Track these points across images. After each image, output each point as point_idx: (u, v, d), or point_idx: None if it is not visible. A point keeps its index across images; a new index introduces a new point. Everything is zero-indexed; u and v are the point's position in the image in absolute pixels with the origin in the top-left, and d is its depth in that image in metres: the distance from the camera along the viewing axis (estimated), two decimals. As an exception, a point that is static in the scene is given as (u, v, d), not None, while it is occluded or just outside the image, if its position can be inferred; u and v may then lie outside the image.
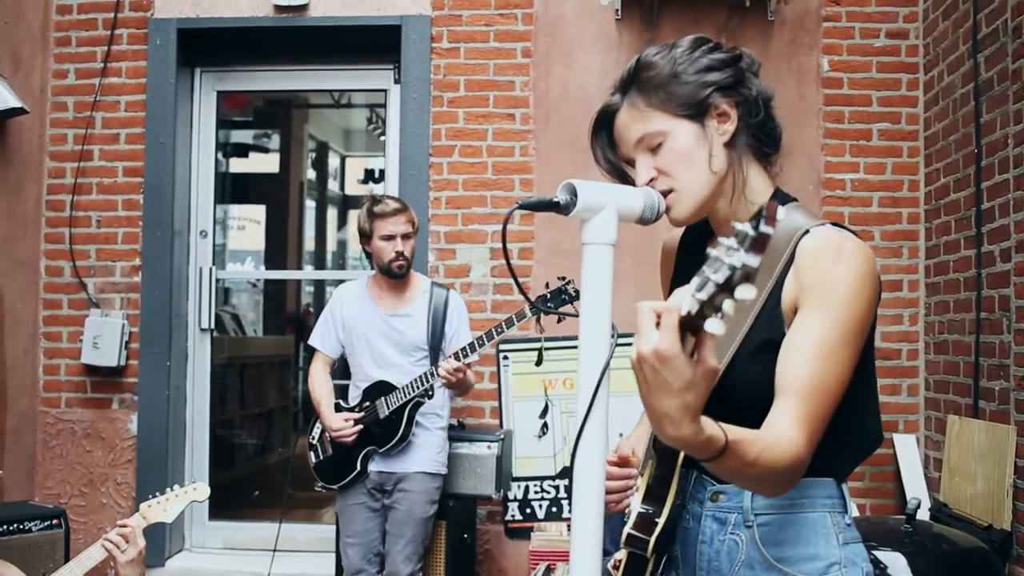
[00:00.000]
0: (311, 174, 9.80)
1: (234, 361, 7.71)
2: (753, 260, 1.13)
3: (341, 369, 4.52)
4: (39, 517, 4.08)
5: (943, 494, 4.50)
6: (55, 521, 4.11)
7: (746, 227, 1.14)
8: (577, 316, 1.64)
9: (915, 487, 4.72)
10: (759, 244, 1.13)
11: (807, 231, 1.70)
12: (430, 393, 4.17)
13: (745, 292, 1.14)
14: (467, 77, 5.17)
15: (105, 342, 5.10)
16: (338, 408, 4.30)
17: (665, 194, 1.76)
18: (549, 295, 3.96)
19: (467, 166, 5.13)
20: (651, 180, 1.77)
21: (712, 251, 1.18)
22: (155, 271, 5.21)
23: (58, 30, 5.31)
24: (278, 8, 5.19)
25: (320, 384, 4.35)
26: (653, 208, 1.71)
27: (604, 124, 1.90)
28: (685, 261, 1.99)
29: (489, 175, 5.12)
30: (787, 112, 4.86)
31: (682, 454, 1.76)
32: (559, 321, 3.68)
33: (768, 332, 1.68)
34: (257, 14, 5.22)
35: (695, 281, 1.20)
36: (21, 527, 3.99)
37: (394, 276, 4.26)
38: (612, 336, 1.61)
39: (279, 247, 9.42)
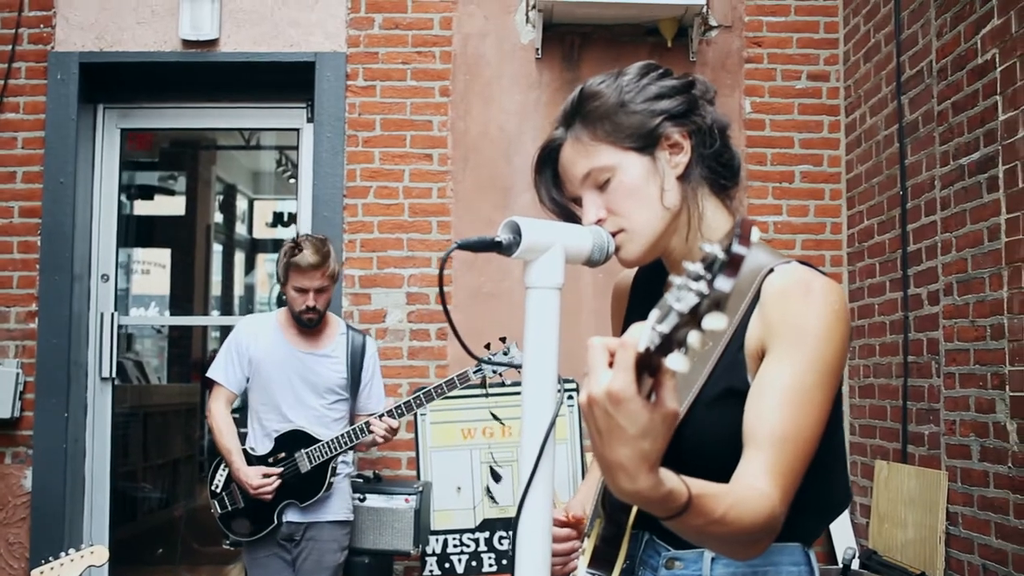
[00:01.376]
0: (218, 217, 9.61)
1: (137, 410, 7.47)
2: (725, 284, 1.01)
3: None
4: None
5: (872, 541, 4.48)
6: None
7: (715, 248, 1.03)
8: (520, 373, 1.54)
9: (842, 534, 4.71)
10: (732, 266, 1.01)
11: (771, 270, 1.59)
12: (355, 449, 4.04)
13: (714, 322, 1.01)
14: (383, 116, 5.09)
15: (-2, 392, 4.86)
16: (248, 457, 4.11)
17: (615, 233, 1.65)
18: (492, 356, 3.89)
19: (383, 208, 5.04)
20: (599, 220, 1.66)
21: (676, 279, 1.05)
22: (53, 317, 5.00)
23: (-49, 63, 5.10)
24: (186, 43, 5.07)
25: (226, 428, 4.14)
26: (602, 249, 1.62)
27: (548, 161, 1.78)
28: (639, 301, 1.88)
29: (406, 217, 5.03)
30: (710, 154, 4.91)
31: (633, 513, 1.65)
32: (502, 385, 3.62)
33: (729, 379, 1.56)
34: (164, 49, 5.08)
35: (655, 313, 1.08)
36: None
37: (304, 326, 4.12)
38: (559, 389, 1.51)
39: (185, 292, 9.21)
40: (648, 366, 1.12)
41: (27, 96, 5.10)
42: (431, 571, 4.84)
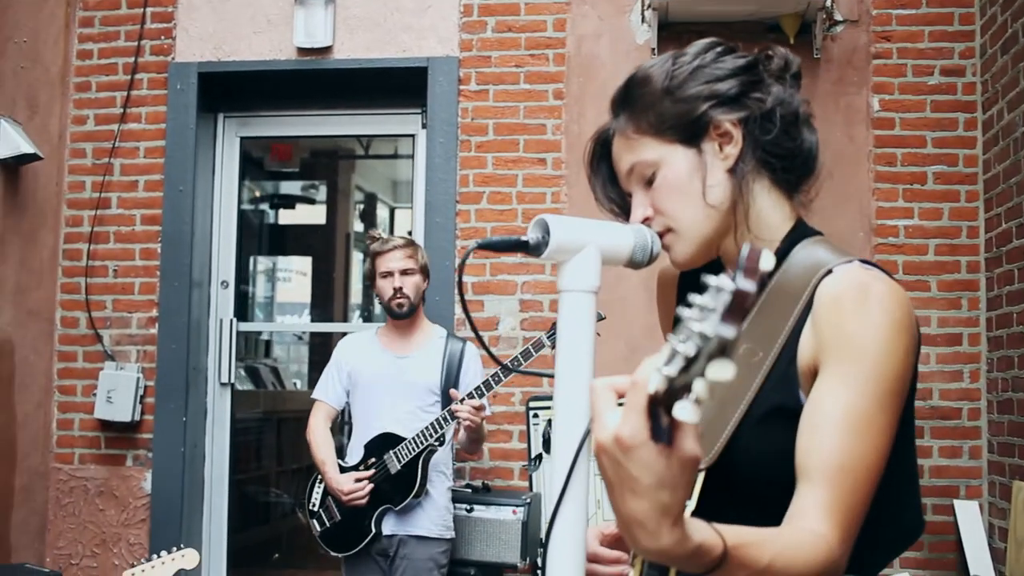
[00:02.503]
0: (358, 225, 9.73)
1: (270, 415, 7.59)
2: (728, 331, 0.87)
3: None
4: (33, 582, 3.95)
5: (1009, 568, 4.20)
6: (49, 585, 3.97)
7: (723, 281, 0.89)
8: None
9: (978, 559, 4.42)
10: (735, 309, 0.88)
11: (829, 271, 1.42)
12: (442, 440, 3.98)
13: (719, 371, 0.88)
14: (496, 120, 5.03)
15: (119, 396, 5.00)
16: (340, 468, 4.10)
17: (662, 234, 1.52)
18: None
19: (496, 213, 4.98)
20: (646, 219, 1.53)
21: (684, 312, 0.92)
22: (172, 323, 5.10)
23: (78, 75, 5.28)
24: (301, 51, 5.11)
25: (322, 441, 4.16)
26: (645, 249, 1.48)
27: (603, 155, 1.64)
28: (689, 293, 1.71)
29: (519, 222, 4.96)
30: (835, 155, 4.74)
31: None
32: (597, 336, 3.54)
33: (780, 397, 1.41)
34: (279, 57, 5.13)
35: (665, 350, 0.95)
36: (13, 592, 3.86)
37: (396, 316, 4.11)
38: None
39: (325, 299, 9.36)
40: (664, 405, 0.98)
41: (148, 107, 5.22)
42: (541, 584, 4.75)
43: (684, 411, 0.93)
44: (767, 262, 0.91)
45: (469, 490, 4.55)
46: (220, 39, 5.19)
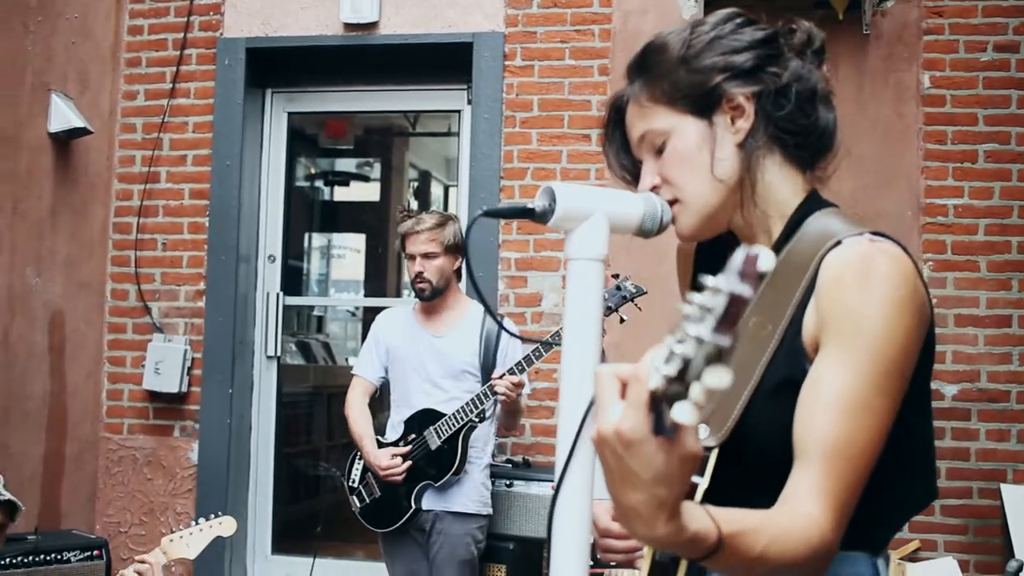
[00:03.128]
0: (412, 203, 9.76)
1: (320, 390, 7.65)
2: (722, 340, 0.87)
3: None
4: (80, 547, 4.06)
5: (1056, 552, 4.14)
6: (96, 552, 4.07)
7: (720, 282, 0.88)
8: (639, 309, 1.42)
9: None
10: (730, 316, 0.87)
11: (837, 243, 1.40)
12: (483, 416, 3.99)
13: (715, 378, 0.88)
14: (541, 96, 5.03)
15: (167, 368, 5.09)
16: (379, 444, 4.13)
17: (671, 203, 1.51)
18: (607, 295, 3.75)
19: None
20: (654, 188, 1.52)
21: (684, 308, 0.92)
22: (219, 296, 5.18)
23: (128, 51, 5.36)
24: (347, 26, 5.14)
25: (359, 416, 4.19)
26: (655, 217, 1.48)
27: (618, 122, 1.63)
28: (704, 266, 1.68)
29: (563, 199, 4.94)
30: (884, 132, 4.67)
31: None
32: (621, 322, 3.56)
33: (788, 370, 1.40)
34: (326, 32, 5.17)
35: (664, 347, 0.94)
36: (60, 557, 3.95)
37: (420, 298, 4.11)
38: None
39: (378, 276, 9.40)
40: (667, 398, 0.96)
41: (197, 82, 5.29)
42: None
43: (683, 413, 0.93)
44: (766, 263, 0.89)
45: (510, 465, 4.58)
46: (268, 14, 5.23)
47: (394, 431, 4.15)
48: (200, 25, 5.29)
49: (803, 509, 1.28)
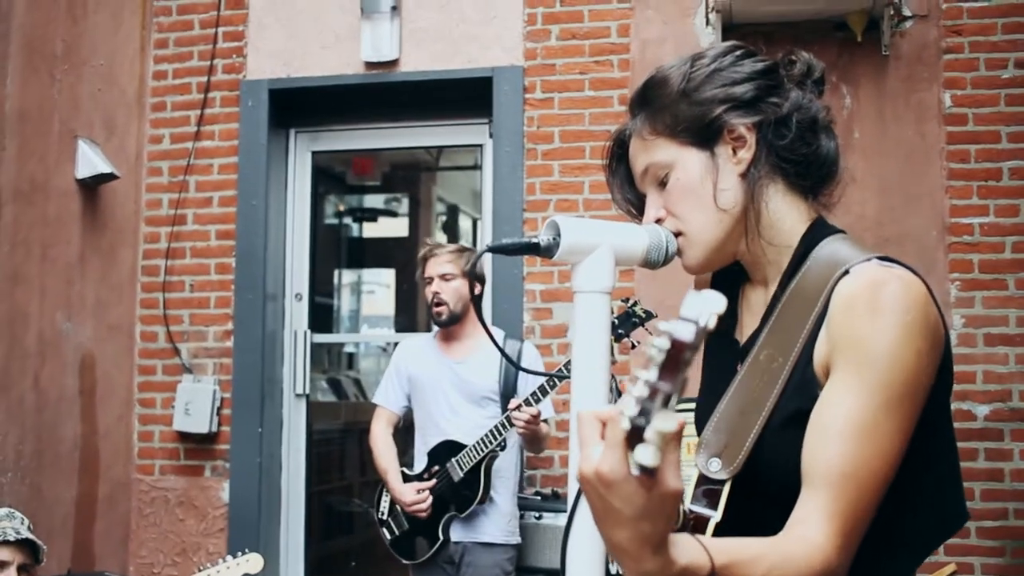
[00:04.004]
0: (441, 237, 9.83)
1: (351, 427, 7.69)
2: (665, 387, 0.90)
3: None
4: (108, 589, 4.08)
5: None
6: (128, 593, 4.09)
7: (670, 327, 0.91)
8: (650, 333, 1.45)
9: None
10: (670, 362, 0.90)
11: (846, 271, 1.40)
12: (503, 445, 4.01)
13: (662, 423, 0.92)
14: (562, 128, 5.07)
15: (196, 408, 5.14)
16: (404, 476, 4.15)
17: (677, 235, 1.53)
18: (617, 320, 3.77)
19: (563, 221, 4.99)
20: (658, 220, 1.54)
21: (646, 350, 0.95)
22: (247, 335, 5.23)
23: (154, 95, 5.45)
24: (368, 65, 5.21)
25: (384, 449, 4.22)
26: (660, 249, 1.50)
27: (622, 156, 1.65)
28: (722, 290, 1.70)
29: (586, 230, 4.96)
30: (906, 152, 4.67)
31: None
32: (632, 348, 3.58)
33: (800, 401, 1.40)
34: (347, 72, 5.24)
35: (631, 394, 0.98)
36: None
37: (438, 324, 4.14)
38: (611, 396, 1.42)
39: (408, 311, 9.45)
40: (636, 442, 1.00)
41: (221, 124, 5.37)
42: (613, 592, 4.75)
43: (645, 455, 0.96)
44: (716, 306, 0.92)
45: (539, 497, 4.58)
46: (289, 56, 5.32)
47: (419, 463, 4.19)
48: (223, 68, 5.38)
49: (808, 535, 1.28)
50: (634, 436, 0.98)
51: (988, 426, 4.54)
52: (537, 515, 4.40)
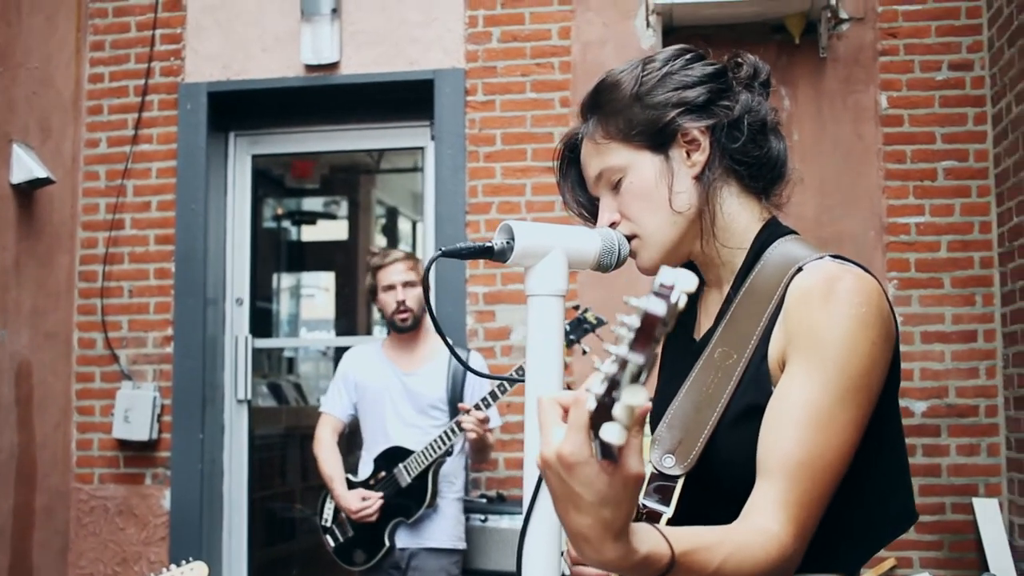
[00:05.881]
0: (381, 240, 9.83)
1: (292, 431, 7.65)
2: (636, 357, 0.90)
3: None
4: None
5: (1031, 567, 4.19)
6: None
7: (641, 301, 0.91)
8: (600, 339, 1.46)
9: (999, 557, 4.41)
10: (643, 333, 0.90)
11: (800, 268, 1.45)
12: (451, 451, 4.03)
13: (631, 397, 0.92)
14: (504, 130, 5.09)
15: (136, 415, 5.09)
16: (349, 483, 4.16)
17: (630, 238, 1.56)
18: (568, 327, 3.80)
19: (505, 223, 5.01)
20: (613, 224, 1.57)
21: (615, 329, 0.95)
22: (188, 341, 5.19)
23: (90, 98, 5.39)
24: (308, 67, 5.19)
25: (329, 456, 4.22)
26: (612, 252, 1.53)
27: (572, 159, 1.69)
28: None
29: (529, 231, 4.99)
30: (844, 153, 4.76)
31: None
32: (584, 354, 3.61)
33: (753, 395, 1.43)
34: (287, 74, 5.22)
35: (599, 373, 0.98)
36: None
37: (399, 330, 4.17)
38: None
39: (348, 315, 9.42)
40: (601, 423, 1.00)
41: (160, 127, 5.32)
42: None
43: (611, 433, 0.96)
44: (687, 284, 0.92)
45: (484, 500, 4.60)
46: (229, 58, 5.29)
47: (364, 469, 4.19)
48: (161, 71, 5.34)
49: (763, 523, 1.30)
50: (598, 418, 0.99)
51: (925, 422, 4.64)
52: (483, 518, 4.42)
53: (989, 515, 4.53)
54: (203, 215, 5.24)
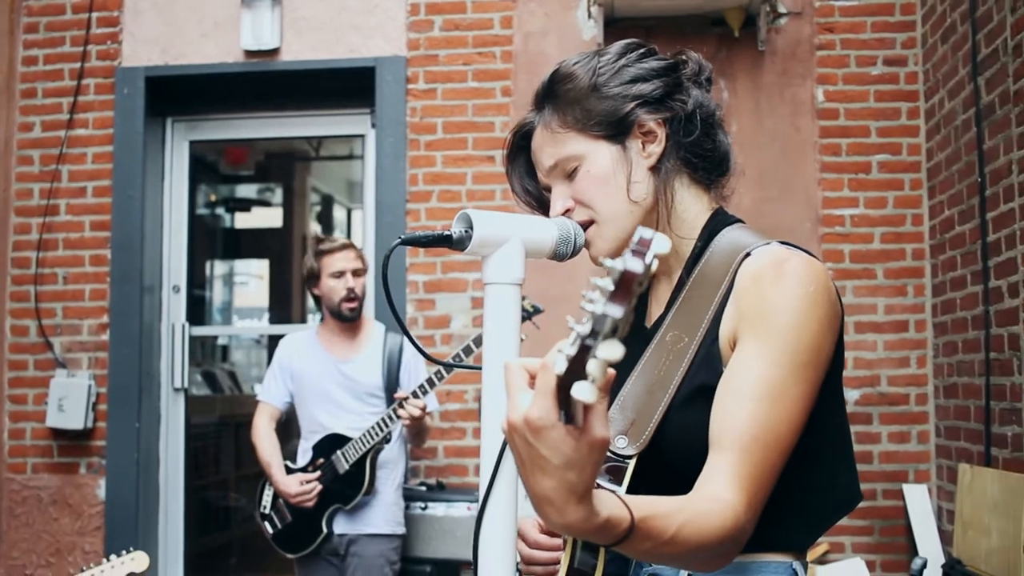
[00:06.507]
0: (315, 227, 9.78)
1: (228, 420, 7.60)
2: (615, 310, 0.92)
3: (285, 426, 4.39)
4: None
5: (956, 549, 4.29)
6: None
7: (617, 263, 0.94)
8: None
9: (928, 542, 4.52)
10: (622, 287, 0.92)
11: (748, 253, 1.50)
12: (388, 438, 4.05)
13: (608, 351, 0.93)
14: (445, 119, 5.09)
15: (71, 404, 5.02)
16: (288, 470, 4.15)
17: (585, 226, 1.58)
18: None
19: (446, 212, 5.04)
20: (567, 211, 1.60)
21: (585, 293, 0.97)
22: (124, 329, 5.13)
23: (23, 81, 5.30)
24: (248, 53, 5.15)
25: (267, 443, 4.21)
26: (568, 241, 1.55)
27: (521, 148, 1.72)
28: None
29: (469, 220, 5.00)
30: (781, 146, 4.83)
31: None
32: (521, 341, 3.64)
33: (704, 376, 1.46)
34: (227, 60, 5.17)
35: (571, 334, 0.99)
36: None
37: (345, 319, 4.17)
38: None
39: (283, 302, 9.36)
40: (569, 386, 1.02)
41: (96, 112, 5.24)
42: (499, 581, 4.81)
43: (582, 391, 0.97)
44: (661, 245, 0.96)
45: (424, 488, 4.62)
46: (167, 43, 5.22)
47: (303, 457, 4.19)
48: (97, 55, 5.26)
49: (718, 492, 1.32)
50: (566, 382, 1.00)
51: (858, 410, 4.74)
52: (422, 505, 4.45)
53: (918, 501, 4.65)
54: (140, 201, 5.17)
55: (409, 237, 1.49)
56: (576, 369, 0.98)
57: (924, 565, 3.49)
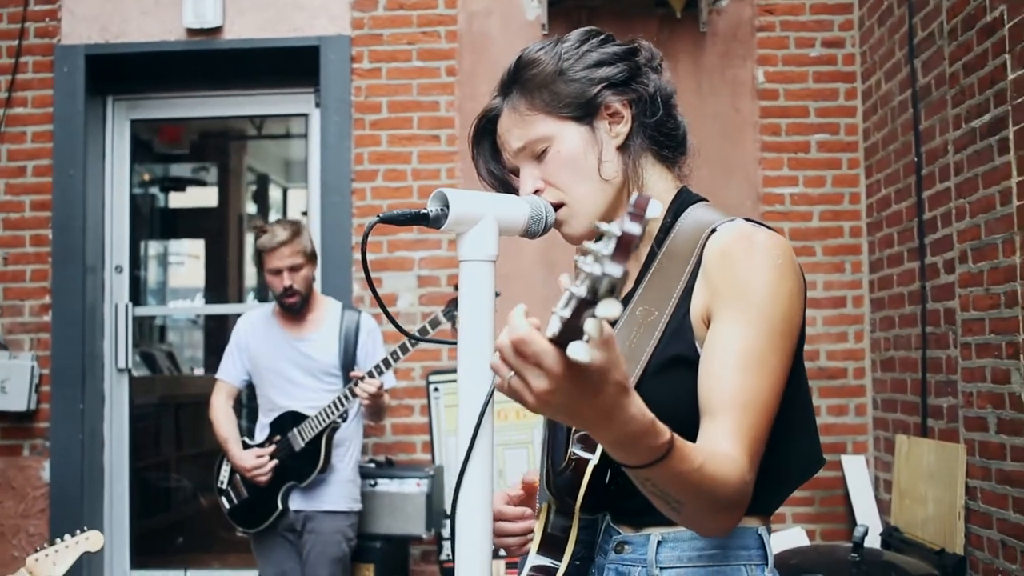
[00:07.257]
0: (251, 207, 9.68)
1: (168, 400, 7.54)
2: (615, 269, 0.96)
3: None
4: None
5: (894, 518, 4.43)
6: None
7: (612, 227, 0.98)
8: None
9: (866, 511, 4.66)
10: (621, 248, 0.97)
11: (714, 230, 1.55)
12: (345, 416, 4.07)
13: (607, 309, 0.97)
14: (390, 98, 5.10)
15: (13, 385, 4.96)
16: (245, 446, 4.16)
17: (556, 207, 1.63)
18: (454, 302, 3.87)
19: (392, 191, 5.05)
20: (537, 191, 1.64)
21: (578, 258, 1.01)
22: (66, 309, 5.07)
23: (-41, 60, 5.19)
24: (190, 31, 5.10)
25: (224, 420, 4.22)
26: (539, 219, 1.60)
27: (485, 132, 1.75)
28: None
29: (415, 199, 5.04)
30: (722, 126, 4.90)
31: (581, 495, 1.55)
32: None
33: (677, 347, 1.51)
34: (168, 38, 5.12)
35: (563, 295, 1.03)
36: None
37: (287, 310, 4.16)
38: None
39: (219, 282, 9.27)
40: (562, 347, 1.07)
41: (35, 90, 5.16)
42: (448, 555, 4.86)
43: (578, 351, 1.02)
44: (653, 209, 1.00)
45: (373, 465, 4.64)
46: (107, 20, 5.15)
47: (261, 433, 4.20)
48: (36, 32, 5.17)
49: (723, 449, 1.38)
50: (561, 343, 1.05)
51: (798, 384, 4.83)
52: (372, 482, 4.47)
53: (857, 472, 4.78)
54: (81, 181, 5.12)
55: (386, 215, 1.53)
56: (570, 331, 1.03)
57: (866, 532, 3.58)
